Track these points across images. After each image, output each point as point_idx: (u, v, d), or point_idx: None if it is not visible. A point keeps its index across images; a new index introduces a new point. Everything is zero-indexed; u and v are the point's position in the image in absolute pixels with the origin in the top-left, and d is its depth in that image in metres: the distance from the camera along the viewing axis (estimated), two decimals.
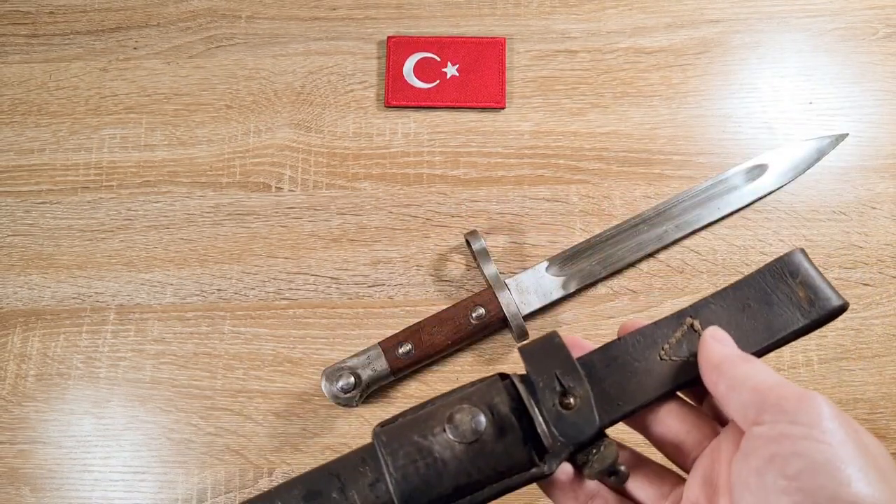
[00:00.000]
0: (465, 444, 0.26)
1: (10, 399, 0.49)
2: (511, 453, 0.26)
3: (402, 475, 0.25)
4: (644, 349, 0.28)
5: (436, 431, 0.26)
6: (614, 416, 0.27)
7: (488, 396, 0.27)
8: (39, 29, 0.56)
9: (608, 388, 0.27)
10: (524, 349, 0.28)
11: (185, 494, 0.47)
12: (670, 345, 0.28)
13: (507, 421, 0.26)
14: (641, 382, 0.27)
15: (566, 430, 0.26)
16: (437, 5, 0.56)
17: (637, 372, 0.27)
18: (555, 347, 0.27)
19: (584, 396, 0.26)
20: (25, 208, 0.53)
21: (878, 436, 0.47)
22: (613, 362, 0.28)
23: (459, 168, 0.53)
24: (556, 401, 0.26)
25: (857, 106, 0.54)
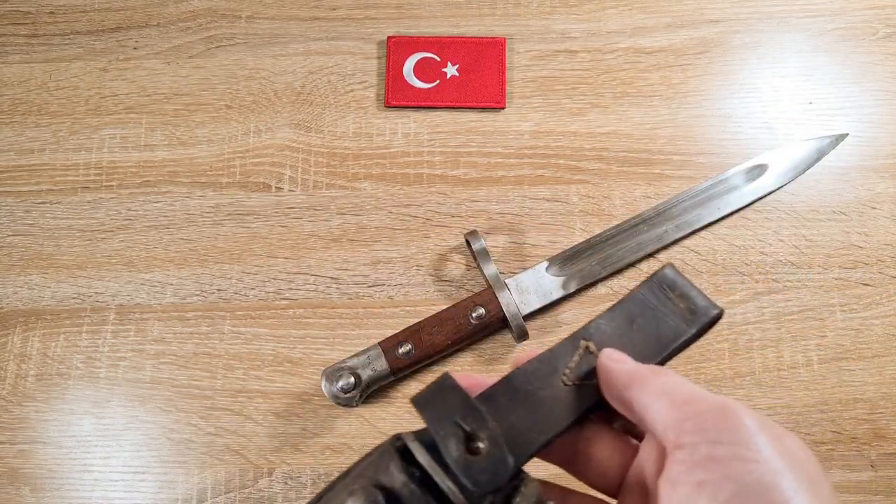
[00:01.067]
0: None
1: (10, 399, 0.49)
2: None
3: None
4: (546, 376, 0.27)
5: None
6: (529, 451, 0.25)
7: (381, 470, 0.24)
8: (39, 29, 0.56)
9: (517, 423, 0.26)
10: (417, 400, 0.25)
11: (185, 494, 0.47)
12: (570, 369, 0.27)
13: (408, 494, 0.23)
14: (550, 411, 0.26)
15: (479, 478, 0.23)
16: (437, 5, 0.56)
17: (543, 401, 0.26)
18: (449, 391, 0.25)
19: (492, 437, 0.24)
20: (25, 208, 0.53)
21: (878, 436, 0.47)
22: (517, 394, 0.26)
23: (459, 168, 0.53)
24: (461, 449, 0.24)
25: (857, 106, 0.54)
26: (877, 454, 0.47)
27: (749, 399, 0.48)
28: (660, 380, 0.24)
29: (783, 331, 0.49)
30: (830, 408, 0.48)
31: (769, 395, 0.48)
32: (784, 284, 0.50)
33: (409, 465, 0.24)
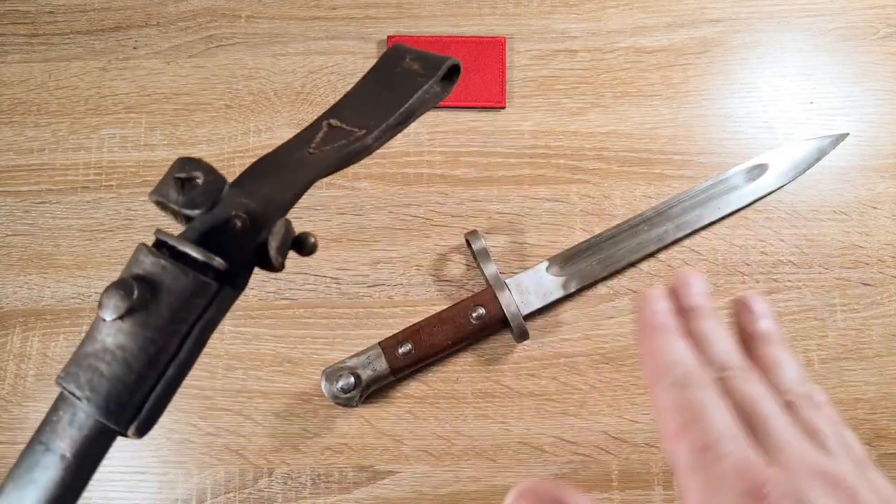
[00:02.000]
0: (128, 317, 0.23)
1: (10, 399, 0.49)
2: (177, 291, 0.24)
3: (90, 389, 0.23)
4: (293, 152, 0.28)
5: (99, 328, 0.24)
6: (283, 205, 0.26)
7: (132, 264, 0.25)
8: (39, 28, 0.56)
9: (269, 190, 0.26)
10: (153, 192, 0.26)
11: (185, 494, 0.47)
12: (316, 143, 0.28)
13: (160, 270, 0.24)
14: (297, 172, 0.27)
15: (195, 200, 0.24)
16: (438, 5, 0.56)
17: (292, 168, 0.27)
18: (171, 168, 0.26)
19: (207, 169, 0.25)
20: (25, 208, 0.53)
21: (878, 436, 0.47)
22: (266, 172, 0.27)
23: (459, 168, 0.53)
24: (178, 190, 0.24)
25: (857, 105, 0.54)
26: (877, 454, 0.47)
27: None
28: None
29: (784, 330, 0.49)
30: None
31: None
32: (785, 284, 0.50)
33: (160, 249, 0.25)
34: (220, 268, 0.24)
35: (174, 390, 0.24)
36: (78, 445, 0.23)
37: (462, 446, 0.48)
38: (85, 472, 0.24)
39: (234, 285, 0.25)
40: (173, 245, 0.25)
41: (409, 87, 0.30)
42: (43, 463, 0.23)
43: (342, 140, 0.28)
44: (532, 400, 0.49)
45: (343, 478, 0.47)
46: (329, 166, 0.27)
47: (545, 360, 0.49)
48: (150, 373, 0.24)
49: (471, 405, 0.49)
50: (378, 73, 0.31)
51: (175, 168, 0.25)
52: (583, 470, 0.47)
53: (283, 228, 0.26)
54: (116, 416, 0.23)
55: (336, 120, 0.29)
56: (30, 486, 0.23)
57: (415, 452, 0.48)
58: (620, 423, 0.48)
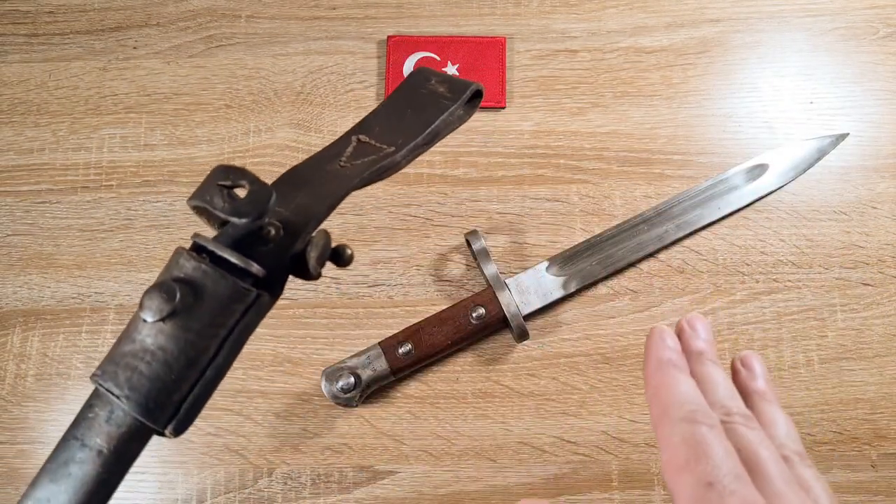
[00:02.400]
0: (168, 320, 0.24)
1: (10, 399, 0.49)
2: (218, 296, 0.24)
3: (129, 388, 0.23)
4: (324, 165, 0.29)
5: (139, 329, 0.24)
6: (318, 217, 0.27)
7: (172, 267, 0.25)
8: (39, 28, 0.56)
9: (301, 201, 0.27)
10: (191, 197, 0.26)
11: (185, 495, 0.47)
12: (346, 156, 0.29)
13: (201, 275, 0.24)
14: (330, 185, 0.28)
15: (243, 209, 0.24)
16: (438, 5, 0.56)
17: (323, 181, 0.28)
18: (213, 175, 0.26)
19: (252, 179, 0.25)
20: (25, 208, 0.53)
21: (878, 436, 0.47)
22: (299, 183, 0.28)
23: (459, 168, 0.53)
24: (224, 197, 0.25)
25: (857, 105, 0.54)
26: (877, 454, 0.47)
27: None
28: None
29: (784, 331, 0.49)
30: (831, 408, 0.48)
31: None
32: (785, 284, 0.50)
33: (199, 254, 0.25)
34: (259, 274, 0.25)
35: (211, 392, 0.25)
36: (115, 442, 0.24)
37: (462, 446, 0.48)
38: (121, 468, 0.24)
39: (271, 292, 0.25)
40: (213, 250, 0.25)
41: (435, 108, 0.30)
42: (79, 458, 0.24)
43: (372, 155, 0.29)
44: (532, 400, 0.49)
45: (343, 478, 0.47)
46: (361, 180, 0.28)
47: (545, 360, 0.49)
48: (190, 374, 0.24)
49: (471, 405, 0.49)
50: (404, 93, 0.32)
51: (218, 175, 0.25)
52: (583, 470, 0.47)
53: (323, 240, 0.26)
54: (155, 415, 0.24)
55: (365, 136, 0.30)
56: (65, 479, 0.23)
57: (415, 452, 0.48)
58: (620, 423, 0.48)
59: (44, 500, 0.23)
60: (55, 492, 0.23)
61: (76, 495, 0.23)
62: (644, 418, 0.48)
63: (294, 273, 0.27)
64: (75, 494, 0.23)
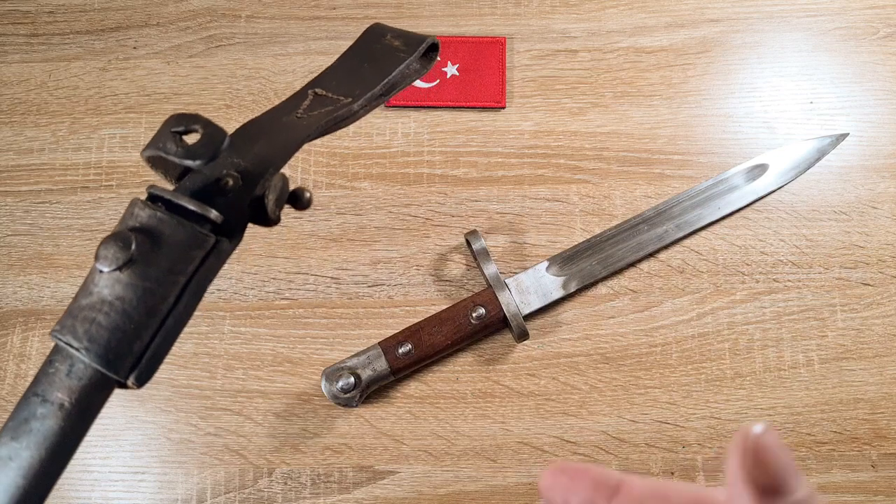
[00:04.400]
0: (126, 269, 0.23)
1: (10, 399, 0.49)
2: (175, 242, 0.24)
3: (88, 339, 0.23)
4: (281, 117, 0.28)
5: (95, 281, 0.23)
6: (275, 164, 0.26)
7: (127, 217, 0.25)
8: (39, 28, 0.56)
9: (259, 150, 0.26)
10: (144, 149, 0.25)
11: (185, 495, 0.47)
12: (303, 109, 0.29)
13: (156, 222, 0.24)
14: (288, 134, 0.27)
15: (196, 152, 0.24)
16: (438, 5, 0.56)
17: (280, 130, 0.28)
18: (167, 123, 0.25)
19: (206, 122, 0.24)
20: (25, 208, 0.53)
21: (879, 436, 0.47)
22: (256, 134, 0.27)
23: (459, 168, 0.53)
24: (177, 142, 0.24)
25: (857, 105, 0.54)
26: (878, 454, 0.47)
27: (750, 399, 0.48)
28: None
29: (784, 331, 0.49)
30: (831, 408, 0.48)
31: (770, 395, 0.48)
32: (785, 284, 0.50)
33: (154, 203, 0.25)
34: (217, 220, 0.24)
35: (172, 341, 0.24)
36: (77, 394, 0.23)
37: (462, 446, 0.48)
38: (84, 422, 0.23)
39: (230, 238, 0.25)
40: (169, 199, 0.24)
41: (391, 61, 0.30)
42: (40, 413, 0.23)
43: (329, 106, 0.29)
44: (532, 400, 0.48)
45: (343, 478, 0.47)
46: (318, 128, 0.28)
47: (545, 360, 0.49)
48: (150, 323, 0.23)
49: (471, 405, 0.49)
50: (359, 48, 0.32)
51: (171, 123, 0.24)
52: None
53: (280, 183, 0.26)
54: (116, 365, 0.23)
55: (322, 89, 0.30)
56: (27, 435, 0.23)
57: (415, 452, 0.48)
58: (620, 423, 0.48)
59: (5, 458, 0.23)
60: (16, 449, 0.23)
61: (38, 450, 0.23)
62: (644, 418, 0.48)
63: (254, 220, 0.27)
64: (38, 449, 0.23)
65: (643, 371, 0.49)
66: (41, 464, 0.22)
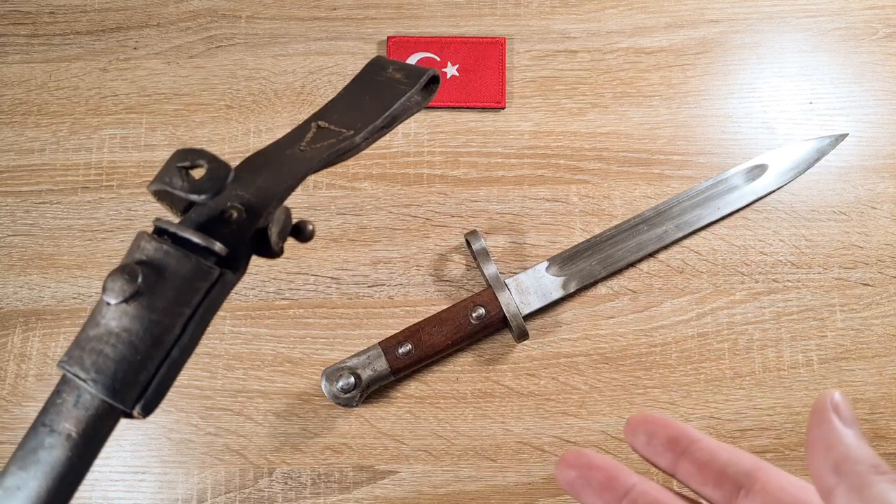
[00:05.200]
0: (133, 301, 0.24)
1: (10, 399, 0.49)
2: (181, 275, 0.24)
3: (95, 371, 0.23)
4: (284, 150, 0.29)
5: (103, 313, 0.24)
6: (279, 196, 0.27)
7: (134, 250, 0.25)
8: (39, 29, 0.56)
9: (262, 183, 0.27)
10: (151, 183, 0.26)
11: (185, 494, 0.47)
12: (307, 142, 0.29)
13: (162, 255, 0.24)
14: (290, 167, 0.28)
15: (201, 187, 0.24)
16: (438, 5, 0.56)
17: (284, 163, 0.28)
18: (173, 159, 0.25)
19: (209, 157, 0.24)
20: (25, 208, 0.53)
21: (878, 436, 0.47)
22: (258, 167, 0.28)
23: (459, 168, 0.53)
24: (183, 177, 0.24)
25: (857, 106, 0.54)
26: (877, 454, 0.47)
27: (749, 399, 0.48)
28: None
29: (783, 331, 0.49)
30: None
31: (769, 395, 0.48)
32: (784, 284, 0.50)
33: (160, 236, 0.25)
34: (221, 253, 0.25)
35: (178, 371, 0.25)
36: (84, 425, 0.24)
37: (462, 446, 0.48)
38: (91, 452, 0.24)
39: (234, 270, 0.26)
40: (174, 232, 0.25)
41: (392, 94, 0.31)
42: (48, 443, 0.23)
43: (331, 139, 0.29)
44: (532, 400, 0.49)
45: (343, 477, 0.47)
46: (321, 161, 0.28)
47: (545, 360, 0.49)
48: (155, 354, 0.24)
49: (471, 405, 0.49)
50: (361, 81, 0.33)
51: (177, 158, 0.25)
52: None
53: (283, 216, 0.27)
54: (123, 395, 0.24)
55: (325, 122, 0.30)
56: (34, 465, 0.23)
57: (415, 452, 0.48)
58: (620, 423, 0.48)
59: (13, 488, 0.23)
60: (24, 479, 0.23)
61: (46, 480, 0.23)
62: None
63: (257, 252, 0.27)
64: (45, 479, 0.23)
65: (643, 371, 0.49)
66: (48, 493, 0.23)
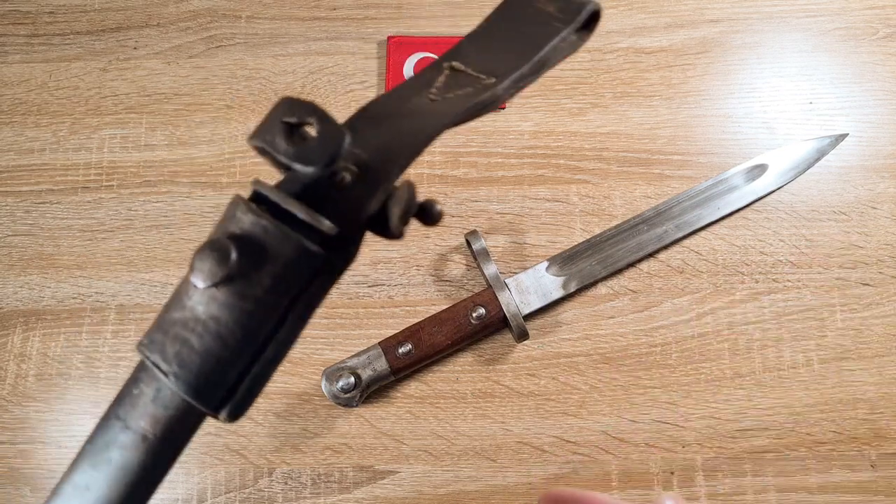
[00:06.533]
0: (224, 285, 0.20)
1: (10, 399, 0.49)
2: (280, 258, 0.20)
3: (178, 364, 0.20)
4: (410, 97, 0.24)
5: (189, 294, 0.20)
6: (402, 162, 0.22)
7: (227, 220, 0.21)
8: (39, 29, 0.56)
9: (383, 142, 0.22)
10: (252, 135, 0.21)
11: (185, 494, 0.47)
12: (437, 88, 0.24)
13: (261, 231, 0.20)
14: (419, 123, 0.23)
15: (309, 156, 0.20)
16: (438, 5, 0.56)
17: (410, 116, 0.23)
18: (278, 108, 0.21)
19: (323, 115, 0.20)
20: (25, 208, 0.53)
21: (878, 436, 0.47)
22: (379, 119, 0.23)
23: (459, 168, 0.53)
24: (289, 137, 0.21)
25: (857, 106, 0.54)
26: (877, 454, 0.47)
27: (749, 399, 0.48)
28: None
29: (783, 331, 0.49)
30: (831, 408, 0.48)
31: (769, 395, 0.48)
32: (784, 284, 0.50)
33: (259, 205, 0.21)
34: (330, 233, 0.21)
35: (272, 371, 0.21)
36: (162, 426, 0.21)
37: (462, 446, 0.48)
38: (168, 457, 0.21)
39: (344, 255, 0.22)
40: (276, 202, 0.21)
41: (544, 32, 0.25)
42: (121, 441, 0.21)
43: (468, 87, 0.24)
44: (532, 400, 0.49)
45: (343, 477, 0.47)
46: (455, 117, 0.23)
47: (545, 360, 0.49)
48: (247, 350, 0.21)
49: (471, 405, 0.49)
50: (506, 12, 0.26)
51: (281, 109, 0.21)
52: (583, 470, 0.47)
53: (407, 193, 0.22)
54: (207, 397, 0.21)
55: (459, 63, 0.25)
56: (105, 465, 0.21)
57: (415, 452, 0.48)
58: (620, 423, 0.48)
59: (83, 486, 0.21)
60: (94, 478, 0.21)
61: (117, 485, 0.21)
62: (644, 418, 0.48)
63: (372, 229, 0.22)
64: (116, 484, 0.21)
65: (643, 371, 0.49)
66: (119, 501, 0.21)
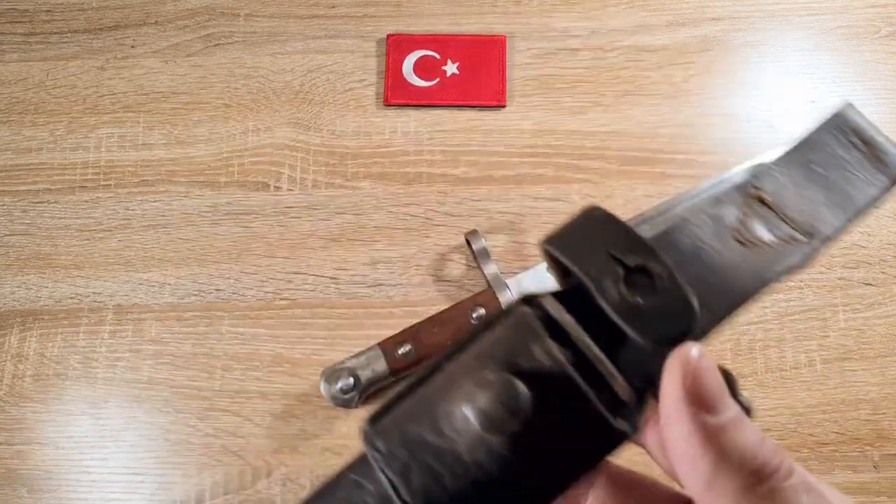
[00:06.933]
0: (502, 434, 0.17)
1: (7, 400, 0.49)
2: (566, 421, 0.17)
3: (424, 499, 0.17)
4: (711, 230, 0.20)
5: (455, 421, 0.17)
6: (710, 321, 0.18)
7: (519, 348, 0.18)
8: (37, 27, 0.56)
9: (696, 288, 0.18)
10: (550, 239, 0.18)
11: (184, 496, 0.47)
12: (743, 224, 0.20)
13: (556, 377, 0.17)
14: (726, 273, 0.19)
15: (654, 324, 0.17)
16: (437, 3, 0.56)
17: (715, 258, 0.19)
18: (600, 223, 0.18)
19: (665, 272, 0.17)
20: (23, 208, 0.52)
21: (881, 437, 0.47)
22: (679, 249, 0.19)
23: (459, 167, 0.53)
24: (621, 287, 0.17)
25: (859, 105, 0.53)
26: (880, 455, 0.47)
27: (751, 399, 0.48)
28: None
29: (786, 331, 0.49)
30: (833, 408, 0.48)
31: (772, 395, 0.48)
32: (786, 284, 0.50)
33: (561, 343, 0.18)
34: (625, 398, 0.17)
35: None
36: None
37: None
38: None
39: (631, 422, 0.18)
40: (583, 351, 0.18)
41: (856, 187, 0.21)
42: None
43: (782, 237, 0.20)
44: None
45: None
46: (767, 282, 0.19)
47: None
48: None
49: None
50: (820, 144, 0.23)
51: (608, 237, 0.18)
52: None
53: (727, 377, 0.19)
54: None
55: (770, 196, 0.21)
56: None
57: None
58: None
59: None
60: None
61: None
62: None
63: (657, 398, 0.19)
64: None
65: None
66: None
